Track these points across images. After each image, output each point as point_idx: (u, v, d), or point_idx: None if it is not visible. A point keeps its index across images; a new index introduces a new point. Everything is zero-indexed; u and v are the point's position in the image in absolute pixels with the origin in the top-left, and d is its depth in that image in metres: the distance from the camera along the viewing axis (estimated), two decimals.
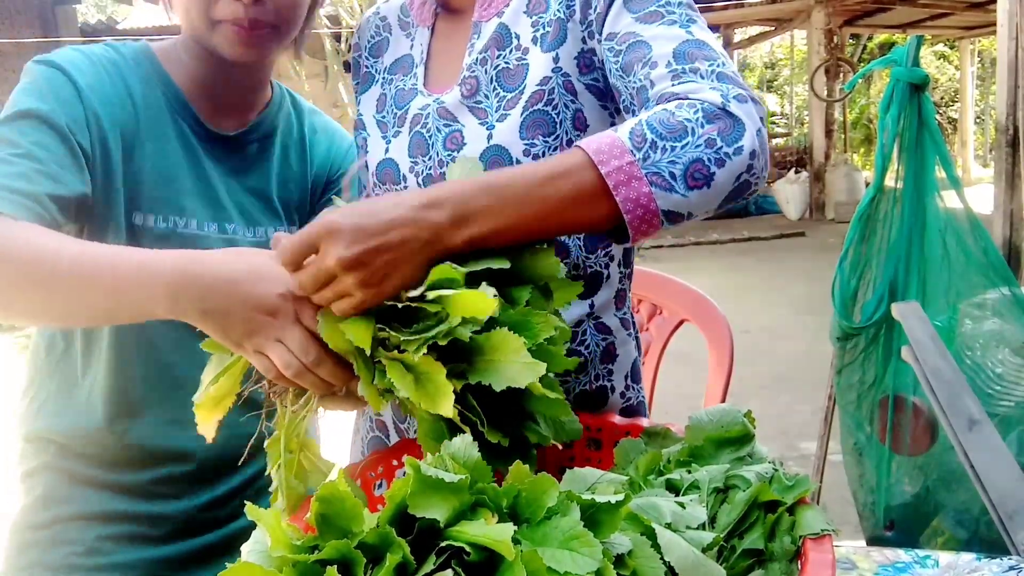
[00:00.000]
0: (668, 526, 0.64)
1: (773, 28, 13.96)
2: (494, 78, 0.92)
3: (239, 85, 1.13)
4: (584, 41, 0.89)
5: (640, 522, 0.64)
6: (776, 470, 0.74)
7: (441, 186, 0.74)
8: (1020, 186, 4.81)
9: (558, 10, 0.90)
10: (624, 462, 0.84)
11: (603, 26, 0.87)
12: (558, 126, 0.89)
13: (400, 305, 0.71)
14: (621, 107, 0.88)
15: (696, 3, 0.93)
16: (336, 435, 1.27)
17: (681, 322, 1.65)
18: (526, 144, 0.88)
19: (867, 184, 3.17)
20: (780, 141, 15.79)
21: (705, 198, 0.73)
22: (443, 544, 0.57)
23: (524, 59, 0.91)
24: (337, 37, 8.04)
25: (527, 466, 0.64)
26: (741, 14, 12.39)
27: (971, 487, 1.61)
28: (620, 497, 0.60)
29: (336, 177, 1.24)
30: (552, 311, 0.76)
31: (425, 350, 0.68)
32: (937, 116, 2.19)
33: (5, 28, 8.56)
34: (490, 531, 0.56)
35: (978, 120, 18.25)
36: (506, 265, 0.72)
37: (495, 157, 0.90)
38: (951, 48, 18.68)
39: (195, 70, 1.09)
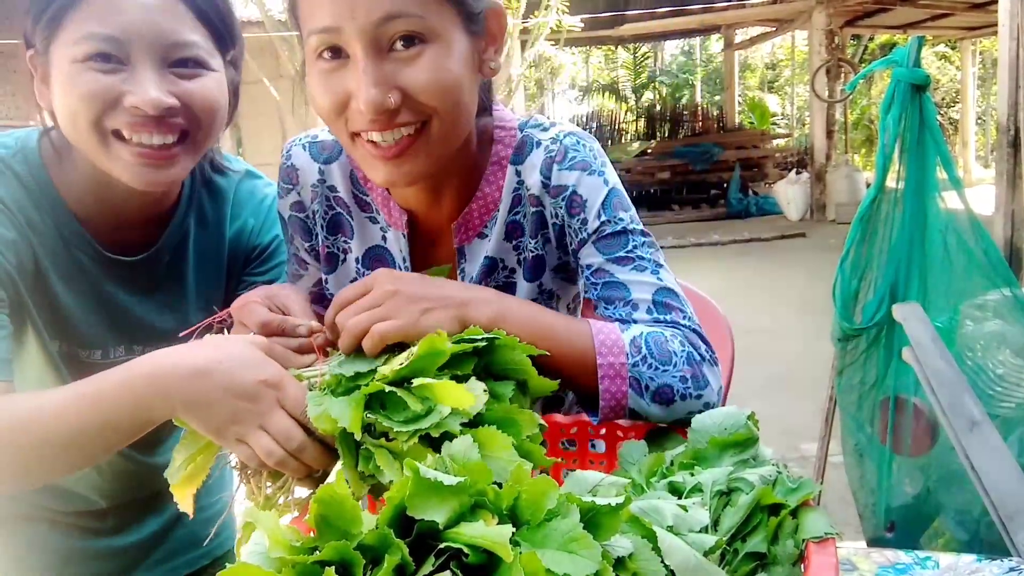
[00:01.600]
0: (670, 529, 0.64)
1: (774, 29, 13.96)
2: None
3: (143, 205, 0.99)
4: (560, 258, 1.02)
5: (641, 525, 0.63)
6: (780, 473, 0.73)
7: (490, 290, 0.88)
8: (1021, 187, 4.81)
9: (535, 246, 1.00)
10: (627, 464, 0.83)
11: (578, 257, 0.98)
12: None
13: (387, 389, 0.71)
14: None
15: (697, 3, 0.94)
16: None
17: None
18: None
19: (868, 185, 3.17)
20: (781, 142, 15.78)
21: (659, 412, 0.88)
22: (442, 546, 0.57)
23: (512, 279, 1.02)
24: None
25: (526, 469, 0.64)
26: (742, 15, 12.39)
27: (972, 488, 1.60)
28: (620, 499, 0.60)
29: (255, 252, 1.13)
30: (529, 405, 0.81)
31: (416, 441, 0.69)
32: (938, 117, 2.19)
33: (5, 28, 8.57)
34: (489, 533, 0.56)
35: (979, 121, 18.24)
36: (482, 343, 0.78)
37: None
38: (952, 49, 18.67)
39: (91, 192, 0.96)
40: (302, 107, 8.23)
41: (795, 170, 12.74)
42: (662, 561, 0.61)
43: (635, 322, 0.92)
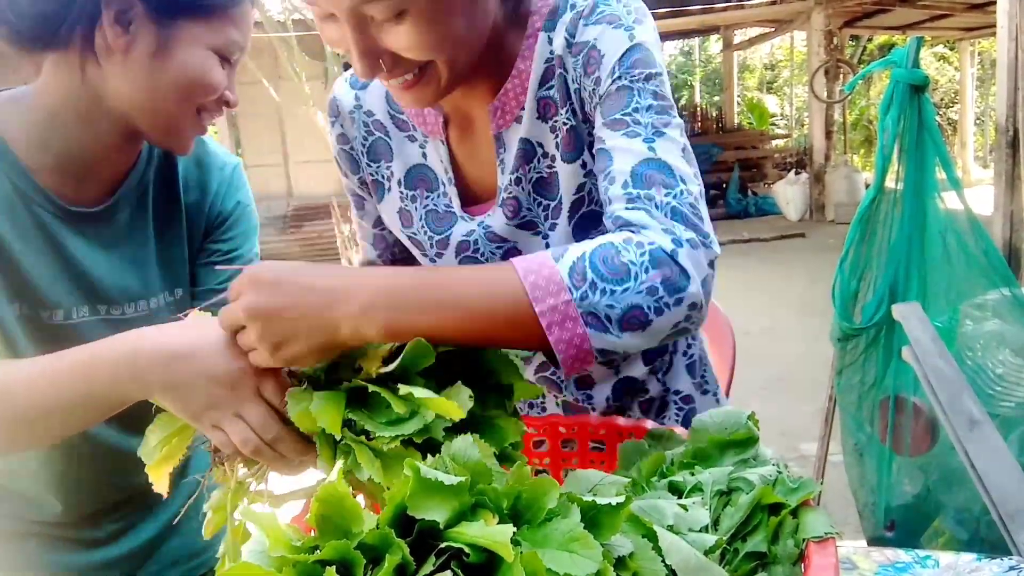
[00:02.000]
0: (670, 528, 0.64)
1: (773, 29, 13.96)
2: (531, 192, 0.92)
3: (107, 157, 0.99)
4: (590, 132, 0.88)
5: (642, 524, 0.63)
6: (780, 472, 0.73)
7: (364, 276, 0.70)
8: (1020, 187, 4.81)
9: (566, 118, 0.89)
10: (627, 464, 0.83)
11: (594, 127, 0.86)
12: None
13: (370, 389, 0.70)
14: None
15: (696, 4, 0.92)
16: None
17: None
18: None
19: (867, 185, 3.17)
20: (780, 142, 15.79)
21: (638, 340, 0.71)
22: (443, 545, 0.57)
23: (553, 167, 0.91)
24: None
25: (527, 469, 0.64)
26: (741, 15, 12.39)
27: (972, 487, 1.60)
28: (621, 499, 0.60)
29: (217, 219, 1.12)
30: (512, 410, 0.78)
31: (398, 444, 0.68)
32: (937, 117, 2.19)
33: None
34: (489, 532, 0.56)
35: (978, 121, 18.25)
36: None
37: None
38: (951, 49, 18.68)
39: (55, 143, 0.95)
40: (301, 107, 8.24)
41: (794, 170, 12.75)
42: (663, 561, 0.61)
43: (610, 201, 0.78)
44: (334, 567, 0.55)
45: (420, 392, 0.68)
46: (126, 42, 0.90)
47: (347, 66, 0.98)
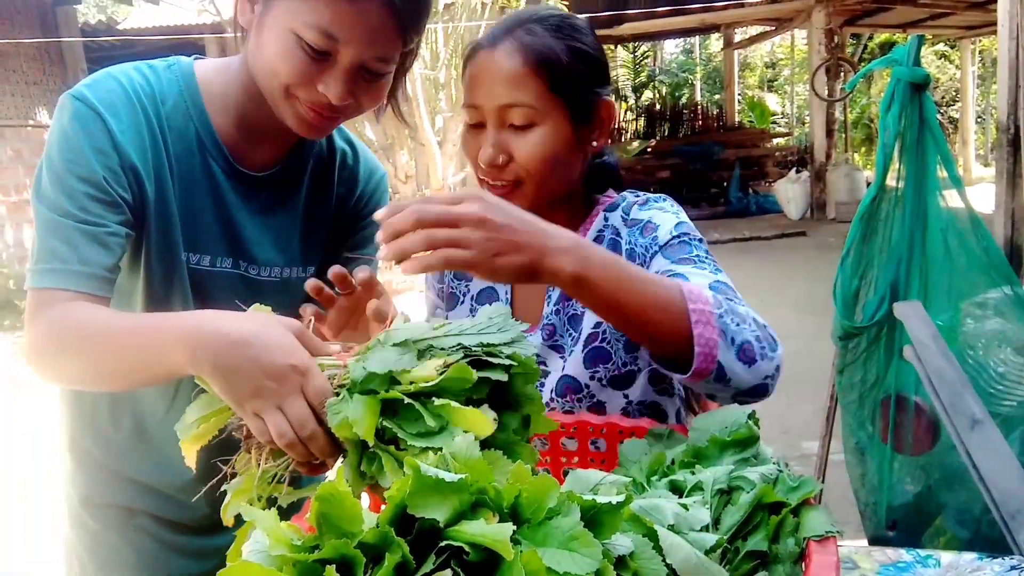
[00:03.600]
0: (671, 528, 0.64)
1: (773, 28, 13.95)
2: (567, 322, 1.15)
3: (280, 130, 1.08)
4: None
5: (643, 523, 0.63)
6: (781, 471, 0.73)
7: (571, 238, 0.83)
8: (1021, 185, 4.81)
9: None
10: (628, 463, 0.83)
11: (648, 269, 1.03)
12: (613, 354, 1.12)
13: (405, 400, 0.73)
14: None
15: (696, 3, 0.95)
16: None
17: None
18: (590, 372, 1.11)
19: (868, 184, 3.17)
20: (781, 141, 15.78)
21: (744, 375, 0.85)
22: (443, 544, 0.57)
23: (585, 308, 1.11)
24: None
25: (527, 468, 0.63)
26: (741, 14, 12.38)
27: (973, 487, 1.60)
28: (621, 498, 0.60)
29: (363, 210, 1.21)
30: (527, 439, 0.83)
31: (429, 456, 0.70)
32: (938, 115, 2.19)
33: (5, 28, 8.55)
34: (489, 531, 0.56)
35: (979, 119, 18.23)
36: (504, 378, 0.77)
37: (568, 385, 1.12)
38: (952, 48, 18.66)
39: (239, 108, 1.07)
40: None
41: (795, 169, 12.73)
42: (663, 560, 0.60)
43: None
44: (334, 566, 0.55)
45: (454, 406, 0.73)
46: (248, 19, 0.99)
47: None
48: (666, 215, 1.11)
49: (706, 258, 1.04)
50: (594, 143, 1.14)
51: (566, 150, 1.09)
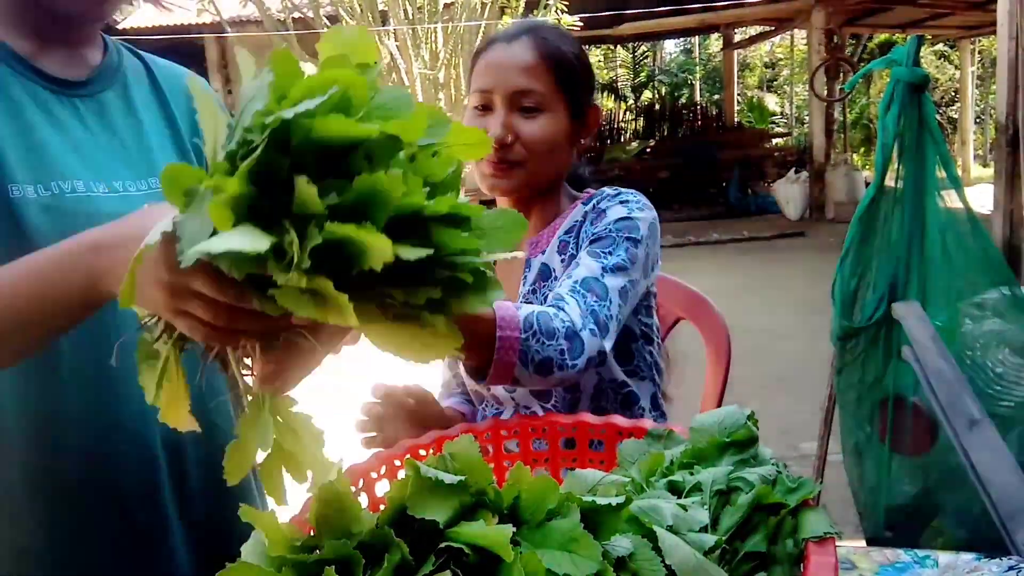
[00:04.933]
0: (670, 529, 0.64)
1: (773, 28, 13.95)
2: (542, 302, 1.21)
3: (72, 32, 1.02)
4: None
5: (641, 524, 0.63)
6: (780, 472, 0.73)
7: None
8: (1020, 186, 4.81)
9: (573, 251, 1.24)
10: (627, 463, 0.83)
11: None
12: None
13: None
14: None
15: (696, 3, 0.97)
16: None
17: (677, 320, 1.65)
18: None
19: (867, 184, 3.17)
20: (780, 141, 15.78)
21: (538, 383, 1.02)
22: (442, 545, 0.57)
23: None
24: None
25: (527, 469, 0.64)
26: (741, 14, 12.38)
27: (971, 487, 1.61)
28: (621, 499, 0.60)
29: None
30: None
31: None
32: (937, 116, 2.19)
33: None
34: (489, 532, 0.56)
35: (978, 120, 18.24)
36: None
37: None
38: (951, 48, 18.68)
39: (17, 18, 0.98)
40: None
41: (794, 169, 12.73)
42: (662, 561, 0.61)
43: (561, 285, 1.13)
44: (333, 567, 0.55)
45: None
46: None
47: None
48: (620, 208, 1.21)
49: (613, 256, 1.15)
50: (582, 141, 1.31)
51: (563, 139, 1.25)
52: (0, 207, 0.90)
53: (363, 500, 0.85)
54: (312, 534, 0.62)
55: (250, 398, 0.71)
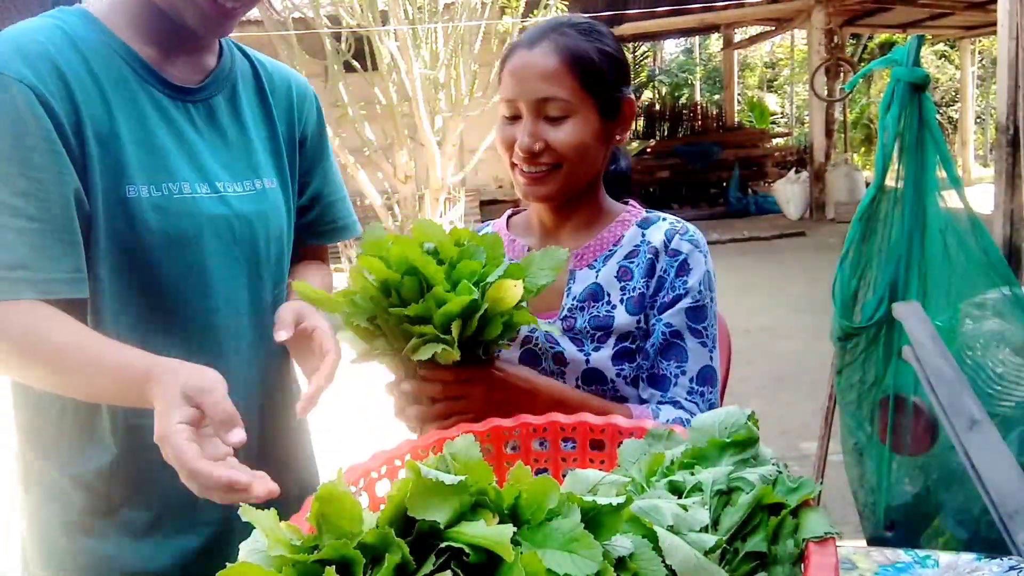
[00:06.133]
0: (670, 529, 0.64)
1: (773, 28, 13.95)
2: (588, 320, 1.24)
3: (194, 41, 1.10)
4: (649, 307, 1.24)
5: (642, 524, 0.63)
6: (780, 472, 0.73)
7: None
8: (1020, 186, 4.80)
9: (643, 286, 1.24)
10: (627, 463, 0.83)
11: (664, 311, 1.22)
12: (637, 355, 1.23)
13: None
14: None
15: (696, 3, 0.98)
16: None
17: None
18: (617, 368, 1.22)
19: (867, 184, 3.17)
20: (780, 141, 15.77)
21: None
22: (443, 545, 0.57)
23: (612, 313, 1.23)
24: (337, 37, 8.03)
25: (527, 469, 0.63)
26: (741, 14, 12.38)
27: (972, 487, 1.61)
28: (621, 499, 0.60)
29: (305, 128, 1.25)
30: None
31: None
32: (937, 116, 2.19)
33: (6, 27, 8.54)
34: (489, 532, 0.56)
35: (978, 120, 18.24)
36: None
37: (593, 375, 1.22)
38: (952, 48, 18.67)
39: (148, 28, 1.06)
40: None
41: (794, 169, 12.73)
42: (663, 561, 0.60)
43: (676, 383, 1.20)
44: (334, 567, 0.55)
45: None
46: None
47: (347, 65, 1.17)
48: (698, 256, 1.25)
49: (712, 332, 1.23)
50: (617, 137, 1.28)
51: (595, 140, 1.22)
52: (116, 204, 1.00)
53: (364, 500, 0.85)
54: (312, 533, 0.61)
55: None
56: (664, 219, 1.30)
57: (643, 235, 1.27)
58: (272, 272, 1.18)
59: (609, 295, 1.25)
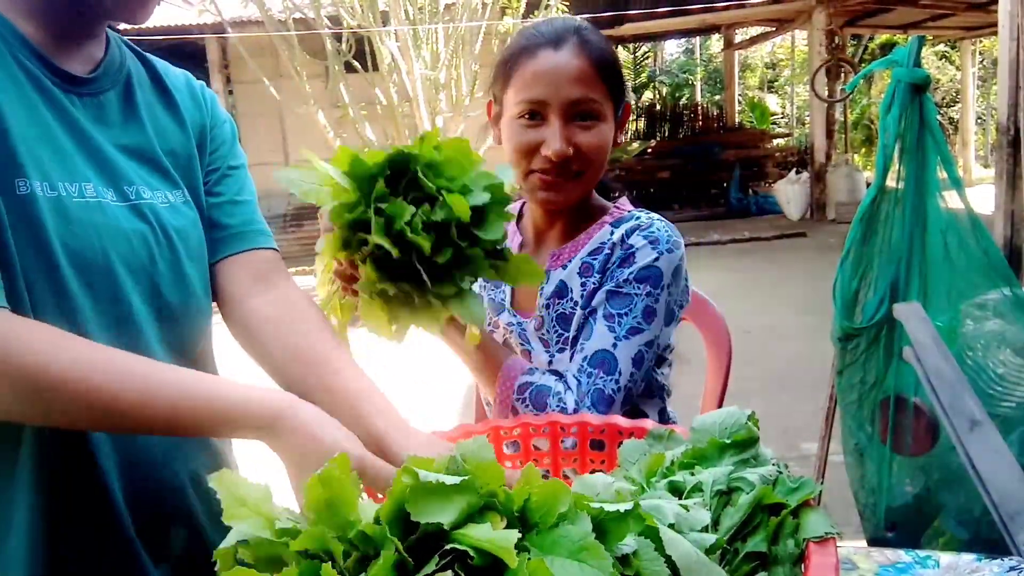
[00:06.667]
0: (671, 527, 0.64)
1: (774, 28, 13.95)
2: (555, 319, 1.25)
3: (88, 27, 0.93)
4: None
5: (642, 520, 0.63)
6: (780, 472, 0.73)
7: None
8: (1021, 186, 4.80)
9: (594, 281, 1.22)
10: (627, 464, 0.83)
11: (593, 298, 1.21)
12: None
13: None
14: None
15: (696, 3, 0.97)
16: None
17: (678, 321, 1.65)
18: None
19: (868, 184, 3.16)
20: (781, 141, 15.77)
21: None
22: (448, 547, 0.57)
23: (573, 310, 1.24)
24: (338, 37, 8.03)
25: (538, 471, 0.63)
26: (742, 14, 12.38)
27: (972, 488, 1.60)
28: (629, 505, 0.59)
29: (214, 135, 1.06)
30: None
31: None
32: (938, 116, 2.19)
33: None
34: (494, 537, 0.55)
35: (979, 120, 18.23)
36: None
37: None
38: (952, 48, 18.66)
39: (38, 6, 0.88)
40: (302, 106, 8.23)
41: (795, 169, 12.73)
42: (666, 560, 0.60)
43: (571, 359, 1.20)
44: (329, 563, 0.54)
45: None
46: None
47: (348, 66, 1.12)
48: (648, 254, 1.19)
49: (631, 318, 1.18)
50: (617, 141, 1.28)
51: (610, 145, 1.22)
52: (9, 203, 0.82)
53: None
54: (301, 522, 0.61)
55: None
56: (637, 217, 1.25)
57: (611, 232, 1.25)
58: (199, 303, 1.00)
59: (572, 291, 1.24)
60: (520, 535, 0.56)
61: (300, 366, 0.95)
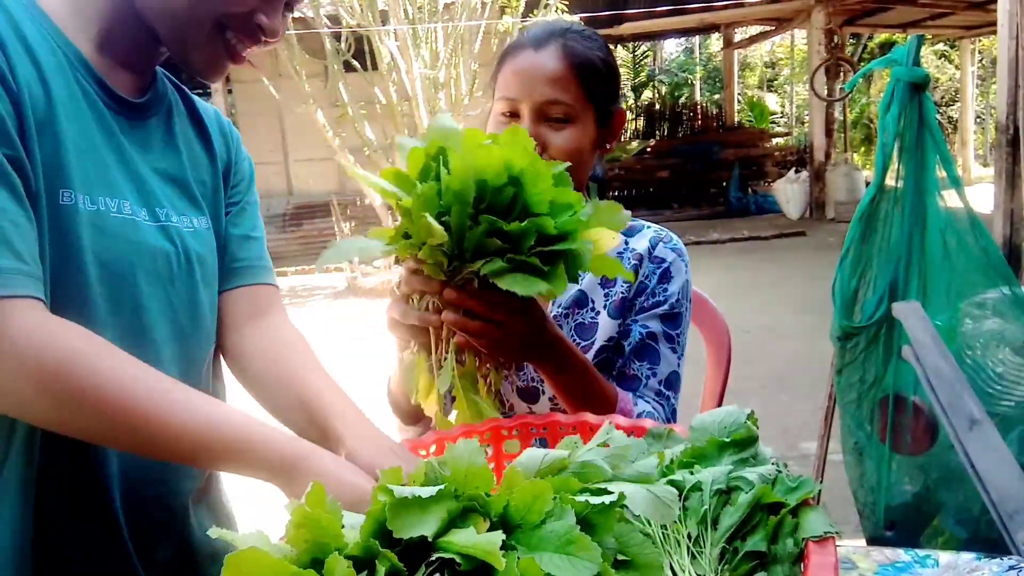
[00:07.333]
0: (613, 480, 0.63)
1: (773, 28, 13.95)
2: (573, 328, 1.27)
3: (150, 60, 0.98)
4: (628, 310, 1.27)
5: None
6: (779, 472, 0.73)
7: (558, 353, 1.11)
8: (1020, 185, 4.81)
9: (624, 291, 1.26)
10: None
11: (642, 314, 1.25)
12: (616, 361, 1.26)
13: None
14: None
15: (695, 2, 0.97)
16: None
17: None
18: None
19: (867, 183, 3.16)
20: (780, 141, 15.78)
21: None
22: (434, 556, 0.56)
23: (596, 319, 1.26)
24: (337, 37, 8.03)
25: (519, 473, 0.63)
26: (741, 14, 12.38)
27: (971, 487, 1.60)
28: (614, 497, 0.60)
29: (236, 170, 1.12)
30: None
31: None
32: (937, 115, 2.18)
33: None
34: (479, 540, 0.55)
35: (978, 119, 18.24)
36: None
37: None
38: (952, 47, 18.67)
39: (104, 31, 0.92)
40: (301, 105, 8.23)
41: (794, 169, 12.74)
42: (653, 543, 0.60)
43: (646, 384, 1.23)
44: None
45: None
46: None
47: (347, 65, 1.11)
48: (680, 265, 1.28)
49: (683, 340, 1.26)
50: (607, 146, 1.29)
51: (589, 147, 1.22)
52: (49, 210, 0.84)
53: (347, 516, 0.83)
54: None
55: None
56: (648, 227, 1.32)
57: (627, 243, 1.28)
58: (207, 326, 1.04)
59: (593, 301, 1.27)
60: (505, 536, 0.55)
61: (283, 388, 1.01)
